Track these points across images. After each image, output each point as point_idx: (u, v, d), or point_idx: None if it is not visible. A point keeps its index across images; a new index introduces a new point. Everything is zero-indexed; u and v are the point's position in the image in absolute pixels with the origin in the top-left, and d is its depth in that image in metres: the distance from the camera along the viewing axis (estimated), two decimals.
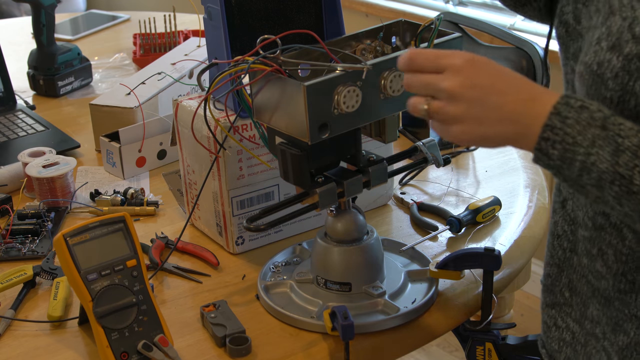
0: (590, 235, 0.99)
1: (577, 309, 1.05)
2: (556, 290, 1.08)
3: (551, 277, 1.09)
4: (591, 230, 0.99)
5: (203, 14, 1.27)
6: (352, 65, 1.05)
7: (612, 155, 0.83)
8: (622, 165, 0.82)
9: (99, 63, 2.23)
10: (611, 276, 0.97)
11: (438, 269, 1.16)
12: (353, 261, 1.16)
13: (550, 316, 1.10)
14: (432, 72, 0.91)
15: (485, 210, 1.37)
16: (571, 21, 0.97)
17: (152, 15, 2.36)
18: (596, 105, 0.85)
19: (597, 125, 0.84)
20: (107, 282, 1.06)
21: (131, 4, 4.16)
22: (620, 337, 0.98)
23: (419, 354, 2.57)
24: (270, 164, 1.28)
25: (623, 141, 0.83)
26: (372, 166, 1.15)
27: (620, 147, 0.83)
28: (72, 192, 1.50)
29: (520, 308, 2.76)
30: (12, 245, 1.36)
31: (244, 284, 1.25)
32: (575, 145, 0.84)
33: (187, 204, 1.40)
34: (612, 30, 0.87)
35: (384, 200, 1.46)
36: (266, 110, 1.10)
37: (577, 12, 0.96)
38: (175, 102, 1.33)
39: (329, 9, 1.31)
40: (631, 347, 0.97)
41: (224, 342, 1.09)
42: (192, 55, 1.85)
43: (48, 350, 1.12)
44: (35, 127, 1.82)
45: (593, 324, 1.03)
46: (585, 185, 0.86)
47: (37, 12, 2.00)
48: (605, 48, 0.87)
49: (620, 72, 0.86)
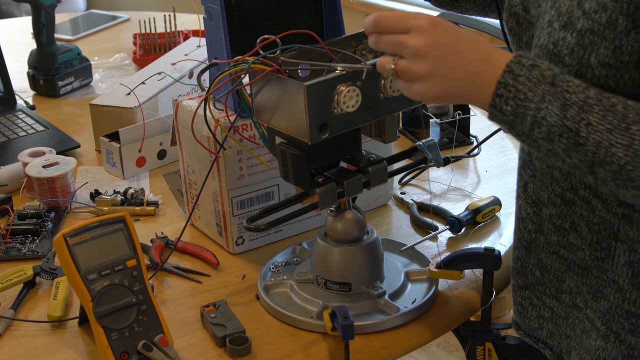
0: (559, 211, 1.04)
1: (551, 285, 1.09)
2: (526, 272, 1.12)
3: (520, 260, 1.13)
4: (560, 206, 1.04)
5: (203, 14, 1.27)
6: (352, 65, 1.05)
7: (561, 110, 0.88)
8: (570, 119, 0.88)
9: (99, 63, 2.23)
10: (587, 246, 1.02)
11: (438, 269, 1.16)
12: (353, 261, 1.16)
13: (524, 297, 1.14)
14: (398, 33, 0.96)
15: (485, 210, 1.37)
16: (521, 12, 1.03)
17: (152, 15, 2.36)
18: (547, 64, 0.91)
19: (547, 82, 0.89)
20: (107, 282, 1.06)
21: (131, 4, 4.16)
22: (602, 302, 1.03)
23: (419, 354, 2.57)
24: (270, 164, 1.28)
25: (570, 96, 0.88)
26: (372, 166, 1.15)
27: (568, 102, 0.88)
28: (72, 192, 1.50)
29: None
30: (12, 245, 1.36)
31: (244, 284, 1.25)
32: (526, 101, 0.90)
33: (187, 204, 1.40)
34: (562, 11, 0.93)
35: (384, 200, 1.46)
36: (266, 110, 1.10)
37: (525, 2, 1.02)
38: (175, 102, 1.33)
39: (329, 9, 1.31)
40: (612, 310, 1.02)
41: (224, 342, 1.09)
42: (192, 55, 1.85)
43: (48, 350, 1.12)
44: (35, 127, 1.82)
45: (572, 296, 1.07)
46: (537, 139, 0.91)
47: (37, 12, 2.00)
48: (557, 28, 0.94)
49: (575, 47, 0.92)
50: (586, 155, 0.88)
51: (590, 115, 0.87)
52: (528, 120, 0.90)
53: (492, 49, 0.94)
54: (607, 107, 0.87)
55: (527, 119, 0.90)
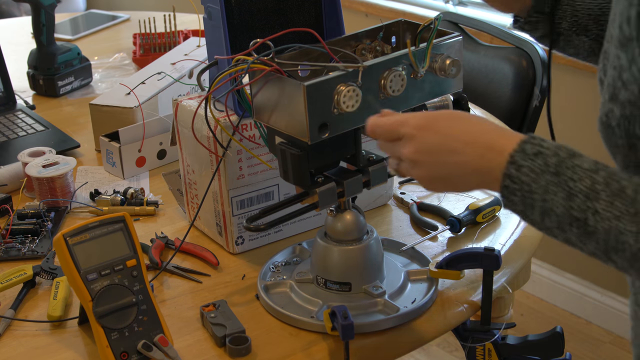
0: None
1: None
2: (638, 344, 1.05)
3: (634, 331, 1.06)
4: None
5: (203, 14, 1.27)
6: (348, 64, 1.05)
7: (566, 200, 0.86)
8: (576, 209, 0.86)
9: (99, 63, 2.23)
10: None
11: (438, 269, 1.16)
12: (353, 261, 1.16)
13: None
14: (393, 140, 0.97)
15: (485, 210, 1.37)
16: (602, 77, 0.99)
17: (152, 15, 2.36)
18: (553, 149, 0.89)
19: (550, 171, 0.87)
20: (107, 282, 1.06)
21: (131, 4, 4.16)
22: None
23: (419, 354, 2.57)
24: (270, 164, 1.28)
25: (575, 184, 0.86)
26: (372, 166, 1.15)
27: (572, 190, 0.86)
28: (72, 192, 1.50)
29: (520, 308, 2.76)
30: (12, 245, 1.36)
31: (243, 283, 1.25)
32: (531, 193, 0.88)
33: (187, 204, 1.40)
34: (610, 82, 0.91)
35: (384, 200, 1.46)
36: (266, 110, 1.10)
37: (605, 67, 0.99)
38: (175, 102, 1.33)
39: (329, 9, 1.31)
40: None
41: (224, 342, 1.09)
42: (192, 55, 1.85)
43: (48, 350, 1.12)
44: (35, 127, 1.82)
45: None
46: (551, 229, 0.89)
47: (37, 12, 2.00)
48: (607, 99, 0.91)
49: (621, 119, 0.89)
50: (598, 243, 0.86)
51: (597, 203, 0.85)
52: (537, 211, 0.89)
53: (494, 136, 0.92)
54: (615, 192, 0.84)
55: (536, 210, 0.89)
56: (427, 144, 0.94)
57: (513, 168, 0.89)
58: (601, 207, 0.84)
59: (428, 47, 1.11)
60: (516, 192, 0.89)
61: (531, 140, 0.90)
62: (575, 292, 2.74)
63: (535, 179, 0.88)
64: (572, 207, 0.86)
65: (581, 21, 1.18)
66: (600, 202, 0.84)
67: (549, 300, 2.81)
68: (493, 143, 0.91)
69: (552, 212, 0.87)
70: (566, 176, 0.87)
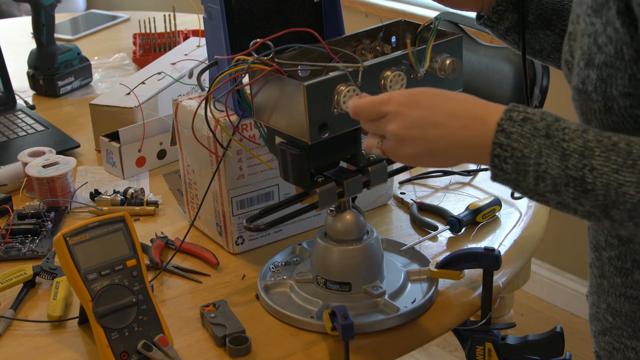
0: (618, 252, 1.01)
1: (627, 327, 1.05)
2: (600, 317, 1.09)
3: (595, 306, 1.10)
4: (618, 247, 1.01)
5: (203, 14, 1.27)
6: (348, 64, 1.05)
7: (561, 161, 0.86)
8: (572, 168, 0.86)
9: (99, 63, 2.23)
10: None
11: (438, 269, 1.16)
12: (353, 261, 1.16)
13: (606, 342, 1.10)
14: (377, 119, 0.96)
15: (485, 210, 1.37)
16: (569, 58, 1.01)
17: (152, 15, 2.36)
18: (539, 114, 0.89)
19: (541, 135, 0.87)
20: (107, 282, 1.06)
21: (131, 4, 4.16)
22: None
23: (419, 354, 2.57)
24: (270, 164, 1.28)
25: (568, 145, 0.86)
26: (372, 166, 1.15)
27: (567, 151, 0.86)
28: (72, 192, 1.50)
29: (520, 308, 2.76)
30: (12, 245, 1.36)
31: (243, 283, 1.25)
32: (524, 158, 0.88)
33: (187, 204, 1.40)
34: (584, 49, 0.92)
35: (383, 200, 1.46)
36: (266, 110, 1.10)
37: (571, 49, 1.00)
38: (175, 102, 1.33)
39: (329, 9, 1.31)
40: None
41: (224, 342, 1.09)
42: (192, 55, 1.85)
43: (48, 350, 1.12)
44: (35, 127, 1.82)
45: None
46: (544, 194, 0.89)
47: (37, 12, 2.00)
48: (583, 66, 0.92)
49: (598, 82, 0.90)
50: (597, 200, 0.85)
51: (593, 159, 0.85)
52: (531, 176, 0.88)
53: (478, 107, 0.92)
54: (609, 147, 0.85)
55: (530, 175, 0.88)
56: (411, 119, 0.93)
57: (502, 136, 0.88)
58: (597, 162, 0.85)
59: (428, 47, 1.11)
60: (507, 159, 0.88)
61: (516, 108, 0.90)
62: (575, 292, 2.74)
63: (527, 144, 0.87)
64: (568, 166, 0.86)
65: (545, 14, 1.18)
66: (595, 158, 0.85)
67: (549, 300, 2.81)
68: (478, 114, 0.91)
69: (547, 175, 0.87)
70: (558, 138, 0.87)
